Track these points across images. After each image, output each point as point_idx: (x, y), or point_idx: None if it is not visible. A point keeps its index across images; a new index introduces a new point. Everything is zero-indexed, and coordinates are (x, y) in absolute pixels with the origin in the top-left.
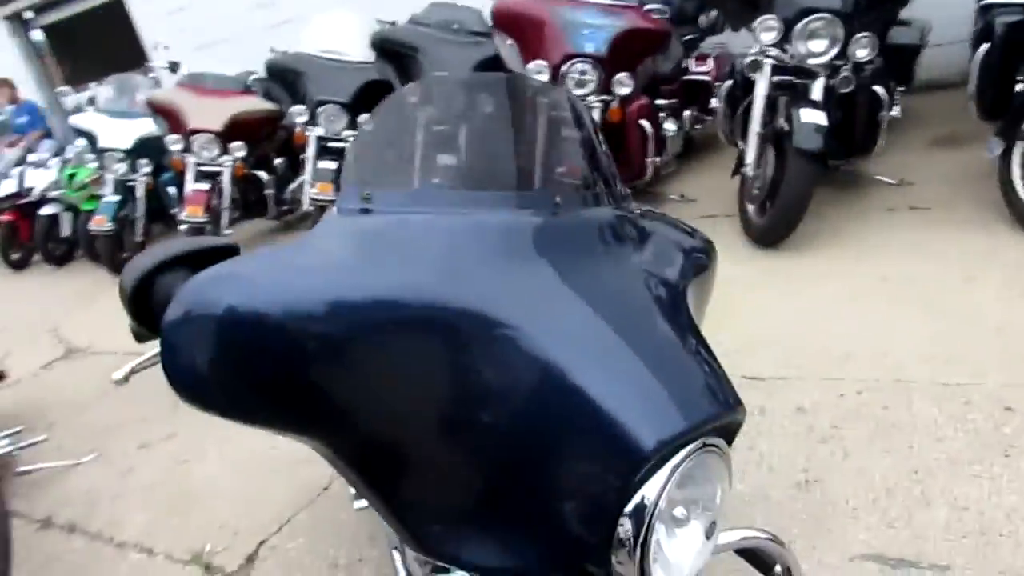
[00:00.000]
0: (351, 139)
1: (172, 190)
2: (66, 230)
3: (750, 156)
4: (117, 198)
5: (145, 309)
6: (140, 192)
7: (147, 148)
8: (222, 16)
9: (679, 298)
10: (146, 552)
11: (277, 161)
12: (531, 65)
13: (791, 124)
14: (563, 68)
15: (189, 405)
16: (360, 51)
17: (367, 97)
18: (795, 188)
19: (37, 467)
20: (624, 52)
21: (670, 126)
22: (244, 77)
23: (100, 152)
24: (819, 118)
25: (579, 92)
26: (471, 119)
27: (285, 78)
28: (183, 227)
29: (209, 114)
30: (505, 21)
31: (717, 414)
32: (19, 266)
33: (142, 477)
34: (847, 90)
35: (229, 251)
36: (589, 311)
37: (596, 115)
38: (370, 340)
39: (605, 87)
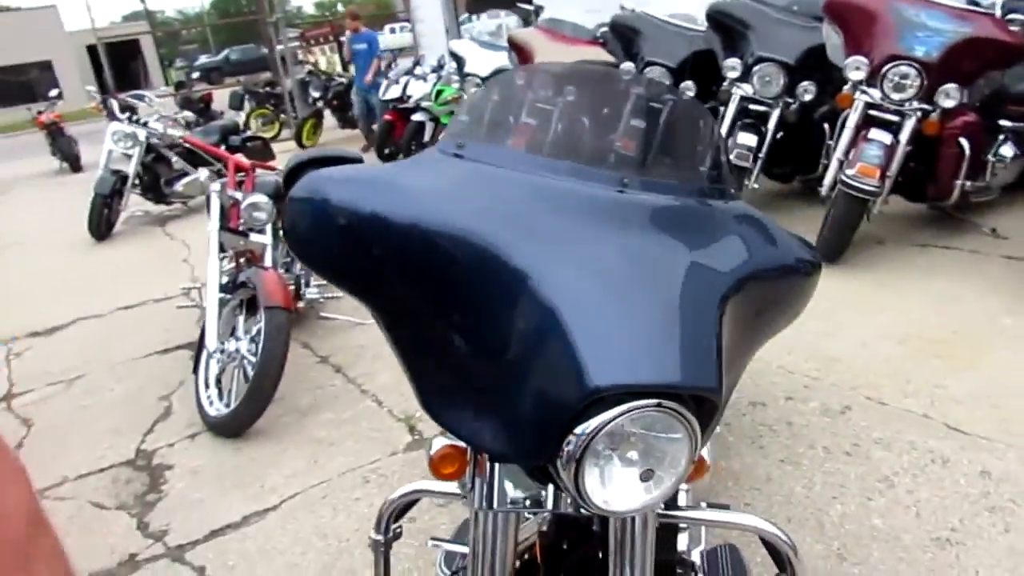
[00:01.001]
0: None
1: None
2: (427, 136)
3: None
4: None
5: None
6: None
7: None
8: None
9: (717, 286)
10: (377, 403)
11: None
12: (849, 60)
13: None
14: (883, 69)
15: (295, 256)
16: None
17: (694, 65)
18: None
19: (334, 317)
20: (960, 62)
21: (1006, 151)
22: (596, 29)
23: (464, 76)
24: None
25: (896, 96)
26: (566, 101)
27: (624, 35)
28: None
29: (553, 58)
30: (837, 9)
31: (680, 383)
32: (389, 159)
33: None
34: None
35: (355, 160)
36: (607, 267)
37: (911, 124)
38: (421, 245)
39: (928, 96)
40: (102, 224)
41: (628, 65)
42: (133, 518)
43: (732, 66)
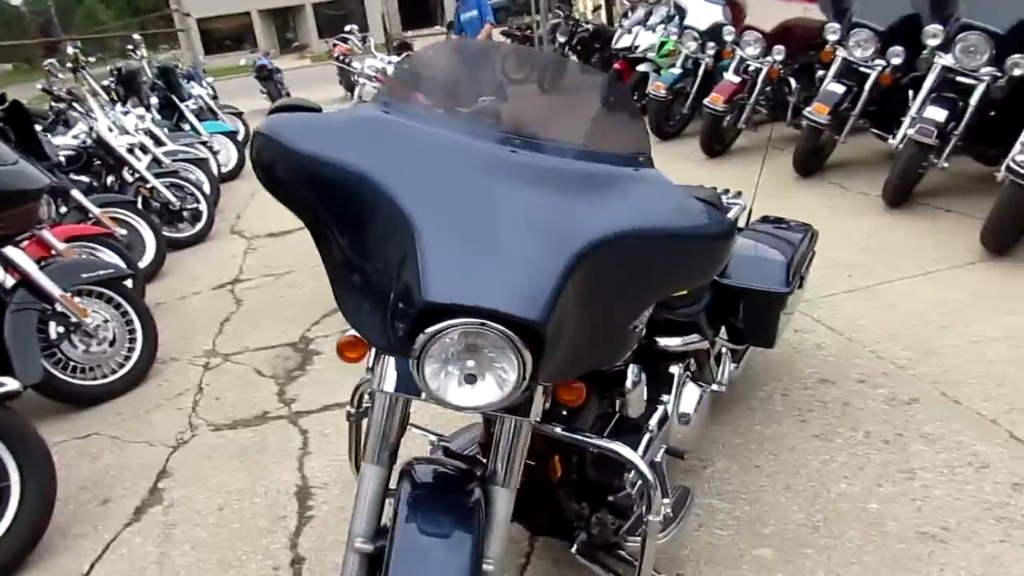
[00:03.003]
0: (877, 68)
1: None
2: (650, 88)
3: None
4: (679, 71)
5: None
6: (700, 71)
7: (717, 34)
8: None
9: (578, 237)
10: None
11: (820, 73)
12: None
13: None
14: None
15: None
16: None
17: (903, 30)
18: None
19: None
20: None
21: None
22: None
23: (683, 29)
24: None
25: None
26: (475, 72)
27: None
28: (705, 111)
29: (765, 16)
30: None
31: (502, 310)
32: None
33: None
34: None
35: (315, 109)
36: (477, 208)
37: None
38: (339, 178)
39: None
40: None
41: (832, 26)
42: (277, 386)
43: (933, 33)
